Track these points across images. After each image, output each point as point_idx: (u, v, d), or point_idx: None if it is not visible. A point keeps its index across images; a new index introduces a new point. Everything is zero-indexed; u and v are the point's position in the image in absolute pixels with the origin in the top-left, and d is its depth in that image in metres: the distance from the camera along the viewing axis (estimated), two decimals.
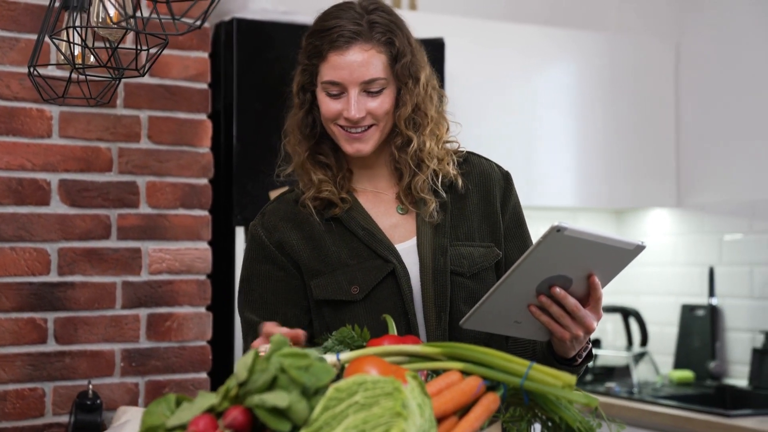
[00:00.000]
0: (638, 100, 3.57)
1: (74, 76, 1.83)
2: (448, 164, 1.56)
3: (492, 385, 1.24)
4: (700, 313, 3.42)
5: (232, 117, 2.62)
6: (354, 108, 1.48)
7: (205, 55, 2.51)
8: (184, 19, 1.47)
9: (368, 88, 1.50)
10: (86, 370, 2.34)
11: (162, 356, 2.42)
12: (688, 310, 3.47)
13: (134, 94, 2.42)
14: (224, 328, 2.56)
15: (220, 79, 2.65)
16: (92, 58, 1.80)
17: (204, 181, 2.50)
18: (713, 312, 3.37)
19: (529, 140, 3.37)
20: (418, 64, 1.54)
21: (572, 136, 3.46)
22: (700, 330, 3.41)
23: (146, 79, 2.43)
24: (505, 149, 3.21)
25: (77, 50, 1.75)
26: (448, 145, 1.60)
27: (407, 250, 1.54)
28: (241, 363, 1.10)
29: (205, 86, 2.51)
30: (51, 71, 2.26)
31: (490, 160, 1.65)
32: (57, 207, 2.33)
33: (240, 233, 2.58)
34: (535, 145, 3.38)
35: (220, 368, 2.54)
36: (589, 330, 1.37)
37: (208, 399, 1.12)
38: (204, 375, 2.48)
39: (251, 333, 1.54)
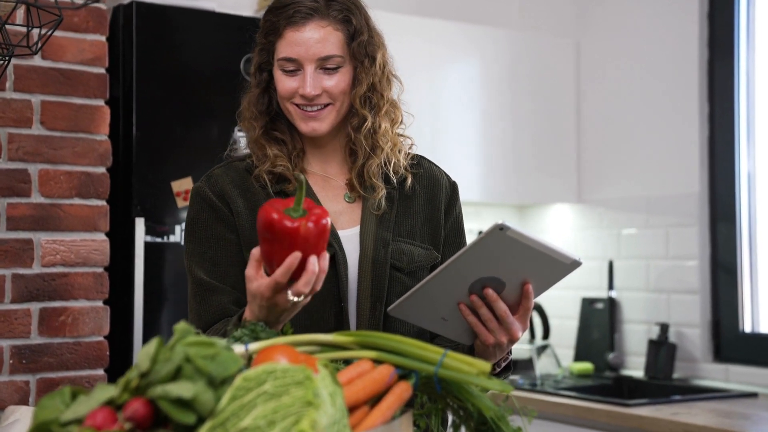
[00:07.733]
0: (540, 97, 3.62)
1: None
2: (400, 151, 1.57)
3: (404, 374, 1.22)
4: (600, 306, 3.49)
5: (131, 104, 2.52)
6: (309, 85, 1.47)
7: (103, 38, 2.41)
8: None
9: (324, 65, 1.49)
10: None
11: (55, 352, 2.31)
12: (587, 304, 3.54)
13: (25, 77, 2.30)
14: (123, 322, 2.47)
15: (118, 64, 2.55)
16: None
17: (102, 169, 2.40)
18: (612, 305, 3.45)
19: (434, 134, 3.37)
20: (375, 44, 1.53)
21: (476, 132, 3.47)
22: (599, 322, 3.48)
23: (39, 62, 2.31)
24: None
25: None
26: (402, 140, 1.59)
27: (349, 237, 1.52)
28: (143, 353, 1.05)
29: (102, 71, 2.41)
30: None
31: (440, 168, 1.67)
32: None
33: (140, 224, 2.48)
34: (439, 140, 3.38)
35: (119, 364, 2.44)
36: (513, 339, 1.37)
37: (106, 391, 1.06)
38: (101, 371, 2.38)
39: (201, 292, 1.48)
